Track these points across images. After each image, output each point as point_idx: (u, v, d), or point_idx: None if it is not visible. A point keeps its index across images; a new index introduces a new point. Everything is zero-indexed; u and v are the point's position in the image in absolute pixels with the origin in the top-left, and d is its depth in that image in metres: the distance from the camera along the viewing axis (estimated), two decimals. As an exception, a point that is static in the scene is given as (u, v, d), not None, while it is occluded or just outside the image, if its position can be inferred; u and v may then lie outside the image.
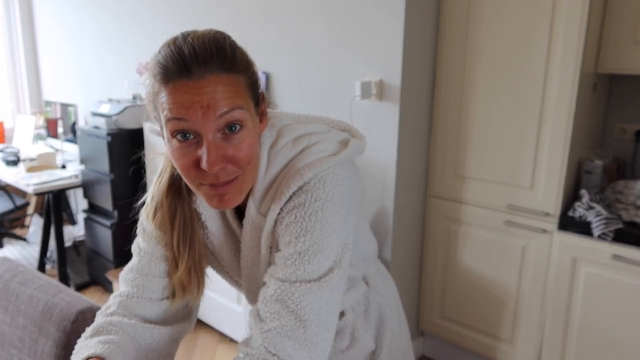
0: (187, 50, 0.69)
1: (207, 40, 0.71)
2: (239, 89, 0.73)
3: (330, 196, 0.76)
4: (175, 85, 0.69)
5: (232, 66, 0.72)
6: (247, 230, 0.85)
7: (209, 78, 0.69)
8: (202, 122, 0.70)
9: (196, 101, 0.69)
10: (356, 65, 1.99)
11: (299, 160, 0.79)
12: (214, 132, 0.71)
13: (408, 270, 2.21)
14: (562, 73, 1.73)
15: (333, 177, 0.78)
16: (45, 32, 3.86)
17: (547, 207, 1.85)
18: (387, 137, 1.96)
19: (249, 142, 0.74)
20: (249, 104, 0.75)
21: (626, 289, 1.71)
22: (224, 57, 0.71)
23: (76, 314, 1.01)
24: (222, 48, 0.72)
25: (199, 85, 0.69)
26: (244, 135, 0.73)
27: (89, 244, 3.04)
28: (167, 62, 0.70)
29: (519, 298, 1.99)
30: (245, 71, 0.75)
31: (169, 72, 0.70)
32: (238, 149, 0.73)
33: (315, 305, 0.74)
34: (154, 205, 0.87)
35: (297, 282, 0.74)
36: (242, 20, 2.34)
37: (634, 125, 2.08)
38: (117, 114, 2.72)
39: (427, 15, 1.95)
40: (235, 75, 0.72)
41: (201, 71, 0.69)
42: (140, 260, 0.89)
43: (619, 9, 1.81)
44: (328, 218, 0.76)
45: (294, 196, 0.77)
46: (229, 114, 0.70)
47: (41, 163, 3.11)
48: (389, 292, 1.07)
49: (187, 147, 0.72)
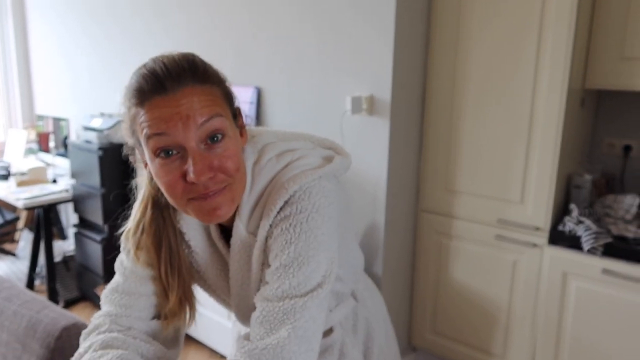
0: (159, 69, 0.70)
1: (177, 58, 0.73)
2: (216, 98, 0.73)
3: (316, 207, 0.76)
4: (152, 102, 0.70)
5: (205, 78, 0.73)
6: (236, 249, 0.83)
7: (184, 90, 0.70)
8: (184, 133, 0.69)
9: (175, 113, 0.69)
10: (347, 81, 2.00)
11: (283, 175, 0.79)
12: (197, 142, 0.71)
13: (399, 285, 2.20)
14: (550, 89, 1.75)
15: (319, 188, 0.77)
16: (38, 46, 3.87)
17: (537, 222, 1.86)
18: (377, 152, 1.96)
19: (234, 150, 0.74)
20: (227, 113, 0.75)
21: (616, 304, 1.71)
22: (196, 70, 0.72)
23: (60, 331, 0.99)
24: (193, 62, 0.73)
25: (175, 99, 0.69)
26: (227, 143, 0.73)
27: (79, 259, 3.01)
28: (140, 84, 0.71)
29: (510, 313, 1.98)
30: (219, 84, 0.76)
31: (143, 91, 0.70)
32: (223, 157, 0.73)
33: (299, 324, 0.72)
34: (136, 237, 0.84)
35: (282, 300, 0.73)
36: (234, 36, 2.36)
37: (622, 140, 2.11)
38: (109, 128, 2.72)
39: (417, 31, 1.97)
40: (210, 86, 0.73)
41: (175, 85, 0.70)
42: (125, 279, 0.87)
43: (605, 25, 1.84)
44: (314, 229, 0.75)
45: (281, 210, 0.77)
46: (209, 122, 0.71)
47: (32, 177, 3.09)
48: (376, 307, 1.06)
49: (172, 162, 0.71)
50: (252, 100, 2.32)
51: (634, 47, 1.79)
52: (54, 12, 3.61)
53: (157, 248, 0.84)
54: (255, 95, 2.31)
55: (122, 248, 0.89)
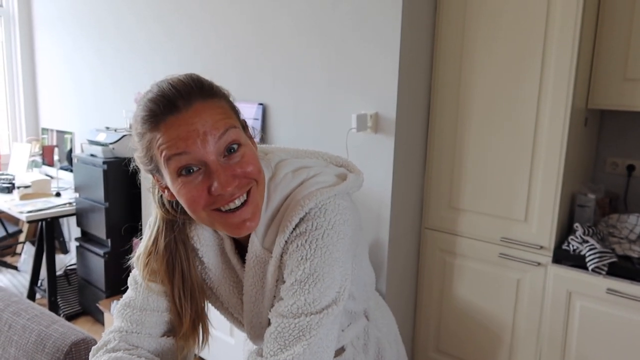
0: (167, 90, 0.73)
1: (182, 77, 0.75)
2: (226, 111, 0.76)
3: (331, 224, 0.77)
4: (167, 123, 0.71)
5: (212, 93, 0.75)
6: (251, 265, 0.83)
7: (196, 107, 0.72)
8: (204, 149, 0.71)
9: (192, 131, 0.71)
10: (352, 98, 2.02)
11: (298, 192, 0.80)
12: (217, 155, 0.72)
13: (403, 302, 2.20)
14: (553, 108, 1.77)
15: (334, 206, 0.78)
16: (44, 59, 3.90)
17: (541, 240, 1.86)
18: (382, 169, 1.98)
19: (251, 155, 0.76)
20: (238, 124, 0.78)
21: (621, 323, 1.71)
22: (202, 86, 0.75)
23: (70, 346, 0.99)
24: (198, 80, 0.76)
25: (188, 116, 0.71)
26: (244, 150, 0.75)
27: (81, 273, 3.01)
28: (151, 108, 0.72)
29: (514, 332, 1.98)
30: (225, 98, 0.78)
31: (156, 114, 0.72)
32: (243, 163, 0.75)
33: (314, 341, 0.73)
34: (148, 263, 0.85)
35: (297, 317, 0.73)
36: (239, 52, 2.39)
37: (625, 159, 2.12)
38: (114, 143, 2.73)
39: (422, 51, 2.00)
40: (217, 100, 0.76)
41: (186, 103, 0.72)
42: (138, 295, 0.87)
43: (608, 47, 1.86)
44: (329, 246, 0.76)
45: (296, 227, 0.78)
46: (225, 135, 0.73)
47: (35, 190, 3.10)
48: (388, 326, 1.06)
49: (194, 179, 0.73)
50: (257, 116, 2.34)
51: (636, 68, 1.81)
52: (61, 25, 3.65)
53: (169, 274, 0.85)
54: (260, 112, 2.33)
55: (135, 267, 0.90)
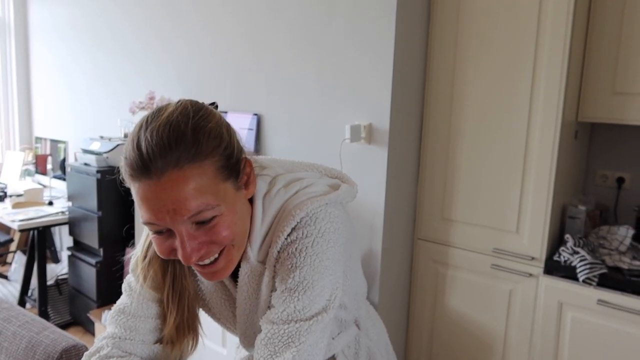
0: (144, 146, 0.67)
1: (167, 130, 0.68)
2: (205, 182, 0.69)
3: (321, 232, 0.77)
4: (140, 185, 0.68)
5: (195, 154, 0.68)
6: (245, 279, 0.83)
7: (170, 175, 0.66)
8: (172, 224, 0.69)
9: (161, 205, 0.67)
10: (346, 109, 2.04)
11: (290, 203, 0.80)
12: (185, 227, 0.70)
13: (395, 313, 2.20)
14: (544, 120, 1.80)
15: (325, 214, 0.78)
16: (39, 68, 3.91)
17: (532, 252, 1.88)
18: (375, 180, 1.99)
19: (228, 223, 0.72)
20: (221, 191, 0.71)
21: (611, 334, 1.71)
22: (185, 148, 0.67)
23: (60, 353, 0.99)
24: (182, 136, 0.68)
25: (159, 185, 0.67)
26: (219, 221, 0.72)
27: (72, 283, 2.99)
28: (130, 162, 0.69)
29: (506, 342, 1.98)
30: (214, 153, 0.70)
31: (133, 171, 0.68)
32: (215, 233, 0.72)
33: (303, 348, 0.73)
34: (145, 264, 0.86)
35: (287, 324, 0.74)
36: (234, 63, 2.40)
37: (614, 172, 2.15)
38: (108, 152, 2.73)
39: (415, 62, 2.02)
40: (199, 163, 0.68)
41: (160, 168, 0.66)
42: (132, 301, 0.88)
43: (598, 61, 1.90)
44: (319, 254, 0.76)
45: (288, 237, 0.78)
46: (198, 215, 0.69)
47: (28, 199, 3.08)
48: (378, 335, 1.06)
49: (164, 240, 0.72)
50: (252, 126, 2.35)
51: (624, 82, 1.85)
52: (56, 34, 3.66)
53: (163, 273, 0.86)
54: (254, 122, 2.34)
55: (131, 272, 0.90)
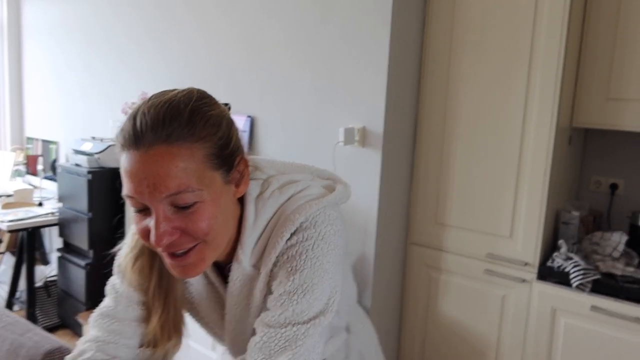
0: (139, 118, 0.67)
1: (165, 107, 0.67)
2: (192, 164, 0.67)
3: (321, 235, 0.75)
4: (128, 155, 0.67)
5: (187, 134, 0.67)
6: (237, 285, 0.81)
7: (157, 149, 0.65)
8: (149, 200, 0.67)
9: (143, 178, 0.66)
10: (340, 112, 2.03)
11: (287, 207, 0.78)
12: (163, 206, 0.68)
13: (388, 318, 2.18)
14: (538, 126, 1.79)
15: (324, 217, 0.77)
16: (32, 68, 3.88)
17: (526, 257, 1.87)
18: (368, 183, 1.98)
19: (209, 214, 0.70)
20: (207, 179, 0.69)
21: (604, 341, 1.70)
22: (178, 126, 0.66)
23: (43, 355, 0.96)
24: (178, 115, 0.67)
25: (146, 157, 0.66)
26: (200, 208, 0.69)
27: (61, 285, 2.95)
28: (122, 131, 0.69)
29: (499, 348, 1.97)
30: (207, 139, 0.69)
31: (123, 141, 0.68)
32: (192, 221, 0.69)
33: (300, 352, 0.71)
34: (130, 261, 0.84)
35: (284, 327, 0.72)
36: (228, 65, 2.39)
37: (608, 178, 2.14)
38: (99, 152, 2.70)
39: (410, 66, 2.02)
40: (189, 144, 0.67)
41: (148, 143, 0.66)
42: (117, 304, 0.85)
43: (592, 67, 1.90)
44: (320, 257, 0.74)
45: (287, 241, 0.76)
46: (177, 196, 0.67)
47: (18, 199, 3.05)
48: (368, 339, 1.05)
49: (143, 216, 0.70)
50: (245, 128, 2.33)
51: (618, 88, 1.85)
52: (49, 34, 3.64)
53: (149, 270, 0.83)
54: (248, 124, 2.33)
55: (115, 271, 0.88)
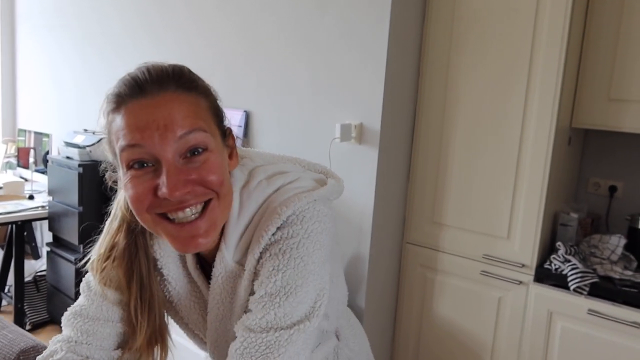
0: (141, 73, 0.66)
1: (164, 65, 0.69)
2: (200, 110, 0.67)
3: (308, 233, 0.70)
4: (129, 107, 0.64)
5: (190, 86, 0.67)
6: (219, 281, 0.75)
7: (165, 95, 0.64)
8: (160, 145, 0.62)
9: (151, 121, 0.62)
10: (337, 108, 1.99)
11: (275, 199, 0.72)
12: (173, 154, 0.63)
13: (382, 318, 2.14)
14: (538, 126, 1.76)
15: (313, 212, 0.71)
16: (26, 59, 3.82)
17: (523, 259, 1.83)
18: (365, 181, 1.94)
19: (217, 163, 0.67)
20: (212, 128, 0.68)
21: (601, 345, 1.67)
22: (181, 77, 0.67)
23: (18, 354, 0.92)
24: (180, 70, 0.68)
25: (153, 103, 0.63)
26: (209, 156, 0.66)
27: (51, 280, 2.90)
28: (119, 88, 0.66)
29: (494, 351, 1.93)
30: (206, 95, 0.70)
31: (121, 95, 0.65)
32: (204, 170, 0.65)
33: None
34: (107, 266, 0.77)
35: (265, 332, 0.66)
36: (224, 59, 2.35)
37: (607, 180, 2.11)
38: (91, 145, 2.66)
39: (408, 63, 1.98)
40: (195, 95, 0.67)
41: (155, 88, 0.64)
42: (91, 303, 0.80)
43: (593, 67, 1.86)
44: (304, 257, 0.68)
45: (272, 236, 0.70)
46: (190, 135, 0.64)
47: (8, 192, 2.99)
48: (359, 346, 0.98)
49: (144, 175, 0.65)
50: (241, 123, 2.30)
51: (620, 89, 1.81)
52: (44, 26, 3.58)
53: (128, 280, 0.77)
54: (243, 119, 2.29)
55: (89, 267, 0.83)
